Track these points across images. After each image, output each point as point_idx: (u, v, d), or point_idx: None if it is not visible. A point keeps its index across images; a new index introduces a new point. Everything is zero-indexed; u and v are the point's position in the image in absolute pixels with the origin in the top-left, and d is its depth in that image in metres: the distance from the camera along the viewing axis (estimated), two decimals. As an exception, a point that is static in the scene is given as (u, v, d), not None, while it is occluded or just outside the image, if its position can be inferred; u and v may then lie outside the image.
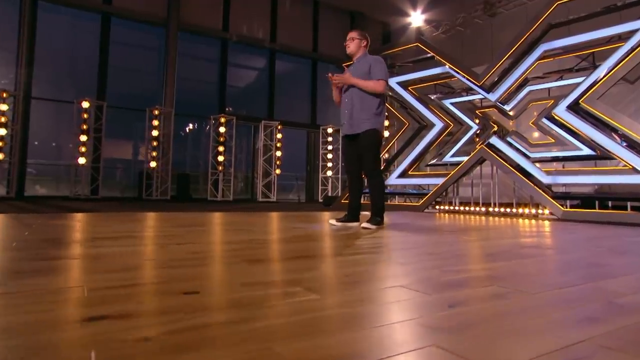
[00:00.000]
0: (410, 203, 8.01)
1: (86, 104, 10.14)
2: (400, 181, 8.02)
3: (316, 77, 14.62)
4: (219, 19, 12.88)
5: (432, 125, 7.80)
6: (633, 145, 5.26)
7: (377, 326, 0.93)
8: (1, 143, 9.28)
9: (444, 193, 7.25)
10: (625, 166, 5.34)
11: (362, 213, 3.84)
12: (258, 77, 14.17)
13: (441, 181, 7.09)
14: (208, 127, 12.39)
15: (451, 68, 7.18)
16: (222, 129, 11.77)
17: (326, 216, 5.10)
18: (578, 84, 5.85)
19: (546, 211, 5.89)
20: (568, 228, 4.27)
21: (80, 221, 3.71)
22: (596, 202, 5.84)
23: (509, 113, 6.95)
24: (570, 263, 1.98)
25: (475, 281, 1.47)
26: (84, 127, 10.11)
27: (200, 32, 12.61)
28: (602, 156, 5.78)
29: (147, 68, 12.23)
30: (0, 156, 9.27)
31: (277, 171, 12.61)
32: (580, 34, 5.99)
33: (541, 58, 6.41)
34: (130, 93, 11.78)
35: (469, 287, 1.36)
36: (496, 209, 6.58)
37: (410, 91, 8.11)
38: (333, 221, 3.73)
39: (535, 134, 7.35)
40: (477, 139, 7.33)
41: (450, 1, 12.54)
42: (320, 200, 12.62)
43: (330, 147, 13.40)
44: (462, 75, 7.07)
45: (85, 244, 2.18)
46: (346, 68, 3.82)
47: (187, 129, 13.37)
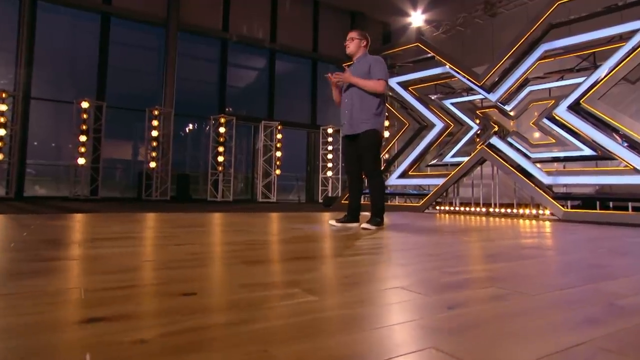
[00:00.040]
0: (410, 203, 7.99)
1: (86, 104, 10.13)
2: (400, 181, 8.01)
3: (316, 77, 14.60)
4: (219, 19, 12.87)
5: (433, 125, 7.79)
6: (634, 145, 5.25)
7: (376, 328, 0.92)
8: (0, 143, 9.26)
9: (445, 193, 7.23)
10: (626, 167, 5.33)
11: (362, 214, 3.83)
12: (258, 78, 14.16)
13: (441, 182, 7.08)
14: (208, 128, 12.38)
15: (451, 68, 7.17)
16: (222, 129, 11.75)
17: (326, 217, 5.08)
18: (579, 84, 5.84)
19: (547, 212, 5.88)
20: (569, 229, 4.26)
21: (79, 222, 3.70)
22: (597, 203, 5.83)
23: (510, 113, 6.94)
24: (570, 264, 1.98)
25: (475, 282, 1.47)
26: (84, 128, 10.10)
27: (200, 32, 12.60)
28: (603, 156, 5.77)
29: (147, 68, 12.22)
30: (-1, 156, 9.28)
31: (277, 172, 12.60)
32: (581, 34, 5.99)
33: (542, 58, 6.40)
34: (129, 93, 11.76)
35: (469, 289, 1.35)
36: (497, 210, 6.57)
37: (410, 91, 8.10)
38: (333, 222, 3.72)
39: (536, 134, 7.34)
40: (478, 140, 7.32)
41: (450, 1, 12.53)
42: (320, 200, 12.60)
43: (330, 148, 13.39)
44: (463, 75, 7.06)
45: (84, 245, 2.18)
46: (346, 68, 3.79)
47: (187, 129, 13.36)
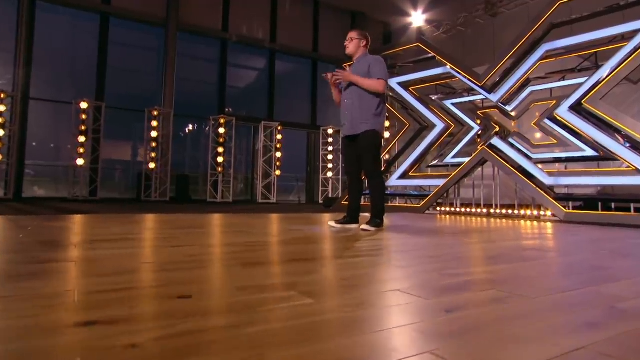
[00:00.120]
0: (411, 204, 7.96)
1: (85, 105, 10.11)
2: (401, 182, 7.98)
3: (316, 78, 14.58)
4: (219, 19, 12.84)
5: (433, 126, 7.76)
6: (636, 146, 5.22)
7: (375, 332, 0.91)
8: (-1, 144, 9.25)
9: (445, 194, 7.20)
10: (628, 167, 5.30)
11: (362, 215, 3.80)
12: (258, 78, 14.13)
13: (442, 182, 7.05)
14: (207, 128, 12.36)
15: (452, 68, 7.14)
16: (222, 130, 11.73)
17: (326, 218, 5.05)
18: (580, 84, 5.81)
19: (548, 213, 5.85)
20: (570, 230, 4.24)
21: (77, 223, 3.67)
22: (599, 204, 5.78)
23: (511, 114, 6.90)
24: (572, 266, 1.96)
25: (475, 285, 1.45)
26: (83, 128, 10.07)
27: (199, 33, 12.58)
28: (605, 157, 5.74)
29: (146, 68, 12.20)
30: (-2, 157, 9.25)
31: (277, 172, 12.56)
32: (582, 34, 5.96)
33: (543, 58, 6.37)
34: (129, 94, 11.74)
35: (469, 291, 1.34)
36: (498, 211, 6.54)
37: (411, 92, 8.08)
38: (332, 223, 3.70)
39: (537, 135, 7.29)
40: (479, 140, 7.28)
41: (451, 1, 12.49)
42: (320, 201, 12.57)
43: (330, 148, 13.36)
44: (463, 75, 7.03)
45: (81, 247, 2.16)
46: (347, 67, 3.76)
47: (187, 130, 13.34)
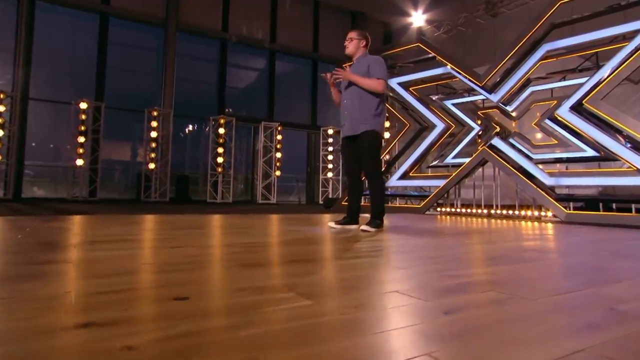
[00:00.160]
0: (411, 205, 7.94)
1: (84, 105, 10.09)
2: (401, 183, 7.96)
3: (316, 78, 14.55)
4: (219, 19, 12.82)
5: (434, 126, 7.74)
6: (637, 146, 5.20)
7: (372, 334, 0.91)
8: (-1, 144, 9.23)
9: (446, 195, 7.18)
10: (629, 168, 5.28)
11: (362, 215, 3.78)
12: (258, 78, 14.11)
13: (443, 183, 7.03)
14: (207, 128, 12.33)
15: (452, 68, 7.12)
16: (222, 130, 11.70)
17: (326, 218, 5.02)
18: (581, 85, 5.79)
19: (549, 213, 5.83)
20: (571, 231, 4.23)
21: (76, 224, 3.65)
22: (600, 204, 5.77)
23: (512, 114, 6.88)
24: (572, 267, 1.95)
25: (474, 286, 1.44)
26: (82, 129, 10.05)
27: (199, 33, 12.55)
28: (606, 157, 5.72)
29: (146, 69, 12.18)
30: (-3, 158, 9.23)
31: (277, 173, 12.54)
32: (583, 34, 5.94)
33: (544, 58, 6.35)
34: (128, 94, 11.72)
35: (468, 293, 1.33)
36: (498, 211, 6.52)
37: (411, 92, 8.06)
38: (332, 223, 3.69)
39: (538, 135, 7.27)
40: (479, 140, 7.26)
41: (451, 1, 12.47)
42: (320, 202, 12.54)
43: (330, 149, 13.34)
44: (464, 75, 7.01)
45: (79, 248, 2.15)
46: (347, 67, 3.74)
47: (187, 130, 13.32)
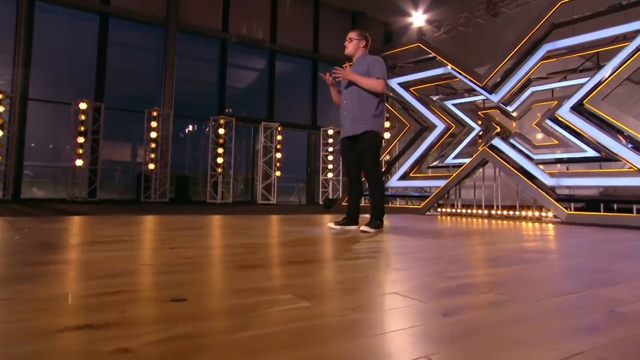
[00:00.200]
0: (411, 206, 7.91)
1: (84, 106, 10.06)
2: (401, 183, 7.94)
3: (317, 78, 14.53)
4: (219, 20, 12.80)
5: (434, 126, 7.72)
6: (638, 146, 5.18)
7: (371, 336, 0.90)
8: (-2, 145, 9.21)
9: (446, 195, 7.16)
10: (630, 168, 5.27)
11: (362, 216, 3.77)
12: (258, 78, 14.09)
13: (443, 183, 7.01)
14: (207, 129, 12.31)
15: (453, 69, 7.10)
16: (222, 131, 11.68)
17: (326, 219, 5.01)
18: (582, 85, 5.77)
19: (550, 214, 5.81)
20: (572, 231, 4.22)
21: (74, 225, 3.65)
22: (601, 205, 5.75)
23: (512, 114, 6.86)
24: (572, 269, 1.94)
25: (475, 288, 1.44)
26: (82, 129, 10.03)
27: (199, 33, 12.53)
28: (607, 158, 5.70)
29: (146, 69, 12.15)
30: (-4, 158, 9.21)
31: (277, 173, 12.51)
32: (584, 34, 5.93)
33: (544, 58, 6.33)
34: (128, 94, 11.69)
35: (468, 294, 1.32)
36: (499, 212, 6.50)
37: (411, 92, 8.04)
38: (332, 224, 3.69)
39: (538, 136, 7.24)
40: (480, 141, 7.24)
41: (452, 1, 12.45)
42: (320, 202, 12.52)
43: (330, 149, 13.31)
44: (464, 76, 6.99)
45: (76, 249, 2.14)
46: (347, 67, 3.72)
47: (186, 131, 13.30)
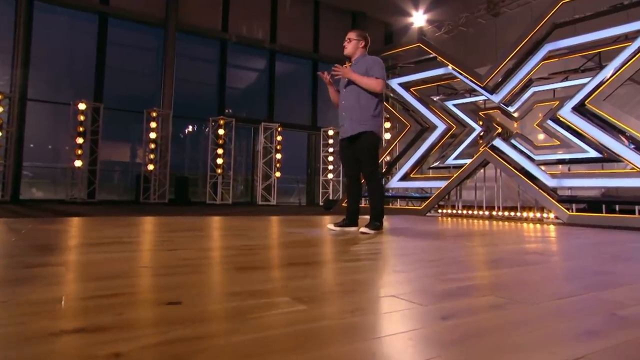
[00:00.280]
0: (412, 207, 7.87)
1: (83, 106, 10.04)
2: (401, 184, 7.90)
3: (317, 79, 14.50)
4: (218, 20, 12.78)
5: (435, 127, 7.69)
6: (641, 147, 5.13)
7: (370, 339, 0.90)
8: (-3, 145, 9.18)
9: (447, 196, 7.12)
10: (632, 169, 5.24)
11: (362, 217, 3.73)
12: (258, 79, 14.06)
13: (444, 184, 6.97)
14: (207, 129, 12.28)
15: (454, 69, 7.07)
16: (222, 131, 11.65)
17: (326, 220, 4.98)
18: (584, 85, 5.75)
19: (551, 215, 5.77)
20: (573, 233, 4.20)
21: (72, 226, 3.62)
22: (603, 206, 5.71)
23: (513, 115, 6.82)
24: (573, 271, 1.93)
25: (475, 290, 1.41)
26: (81, 129, 10.01)
27: (199, 33, 12.51)
28: (609, 159, 5.66)
29: (145, 69, 12.12)
30: (-5, 159, 9.18)
31: (277, 174, 12.48)
32: (586, 34, 5.90)
33: (546, 58, 6.30)
34: (127, 95, 11.67)
35: (467, 297, 1.30)
36: (500, 213, 6.46)
37: (412, 92, 8.01)
38: (331, 226, 3.66)
39: (540, 136, 7.19)
40: (481, 141, 7.20)
41: (452, 1, 12.42)
42: (321, 203, 12.49)
43: (331, 150, 13.29)
44: (465, 76, 6.96)
45: (73, 251, 2.12)
46: (347, 65, 3.70)
47: (186, 131, 13.28)
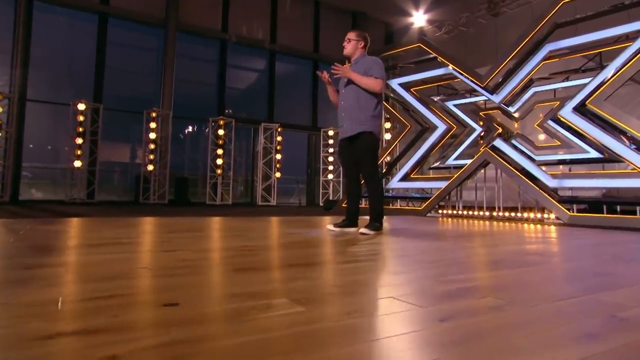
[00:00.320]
0: (412, 207, 7.85)
1: (82, 106, 10.02)
2: (402, 185, 7.88)
3: (317, 79, 14.48)
4: (218, 20, 12.76)
5: (435, 127, 7.67)
6: (642, 147, 5.12)
7: (370, 341, 0.89)
8: (-4, 146, 9.17)
9: (447, 197, 7.10)
10: (634, 169, 5.22)
11: (362, 218, 3.72)
12: (258, 79, 14.05)
13: (444, 185, 6.95)
14: (207, 130, 12.26)
15: (454, 69, 7.05)
16: (221, 132, 11.63)
17: (326, 221, 4.96)
18: (584, 85, 5.73)
19: (552, 216, 5.75)
20: (574, 233, 4.18)
21: (72, 226, 3.61)
22: (604, 207, 5.69)
23: (514, 115, 6.81)
24: (573, 272, 1.92)
25: (475, 292, 1.40)
26: (80, 130, 9.98)
27: (199, 33, 12.49)
28: (610, 159, 5.64)
29: (145, 69, 12.10)
30: (-6, 159, 9.17)
31: (277, 174, 12.46)
32: (586, 34, 5.89)
33: (547, 58, 6.28)
34: (127, 95, 11.66)
35: (467, 299, 1.29)
36: (500, 214, 6.44)
37: (412, 93, 7.99)
38: (331, 226, 3.65)
39: (540, 137, 7.17)
40: (481, 142, 7.18)
41: (453, 1, 12.40)
42: (321, 204, 12.47)
43: (331, 150, 13.27)
44: (465, 76, 6.94)
45: (73, 251, 2.11)
46: (348, 64, 3.68)
47: (186, 132, 13.26)
